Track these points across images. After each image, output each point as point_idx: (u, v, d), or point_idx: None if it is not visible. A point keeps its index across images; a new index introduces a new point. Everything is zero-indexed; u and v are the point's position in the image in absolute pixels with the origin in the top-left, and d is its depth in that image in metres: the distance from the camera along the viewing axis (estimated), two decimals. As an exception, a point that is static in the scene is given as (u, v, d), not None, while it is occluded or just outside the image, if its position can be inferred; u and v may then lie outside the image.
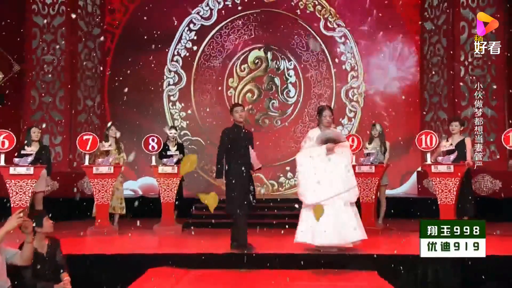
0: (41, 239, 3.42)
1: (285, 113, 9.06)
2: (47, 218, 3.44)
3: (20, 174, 5.51)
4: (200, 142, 9.02)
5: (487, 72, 7.66)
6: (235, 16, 9.13)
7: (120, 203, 6.27)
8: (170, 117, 9.16)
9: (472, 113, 7.68)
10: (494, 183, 7.49)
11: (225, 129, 4.77)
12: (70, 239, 5.49)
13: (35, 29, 8.10)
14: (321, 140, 4.53)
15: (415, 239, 5.56)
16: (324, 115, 4.65)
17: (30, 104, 7.97)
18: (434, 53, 8.45)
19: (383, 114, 8.55)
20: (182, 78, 9.20)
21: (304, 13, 9.07)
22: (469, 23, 7.79)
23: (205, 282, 3.94)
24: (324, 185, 4.45)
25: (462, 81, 7.78)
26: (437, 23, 8.40)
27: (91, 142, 5.92)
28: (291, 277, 4.05)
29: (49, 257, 3.43)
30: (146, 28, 9.02)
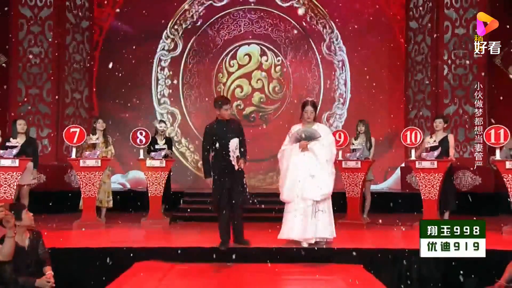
0: (21, 233, 3.25)
1: (273, 109, 8.95)
2: (26, 211, 3.27)
3: (5, 166, 5.28)
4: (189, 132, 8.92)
5: (469, 71, 7.69)
6: (224, 12, 8.99)
7: (107, 197, 6.10)
8: (158, 110, 9.00)
9: (454, 111, 7.75)
10: (475, 179, 7.53)
11: (207, 125, 4.54)
12: (56, 233, 5.33)
13: (22, 21, 7.83)
14: (295, 138, 4.37)
15: (399, 233, 5.62)
16: (305, 110, 4.45)
17: (17, 96, 7.73)
18: (418, 52, 8.43)
19: (369, 111, 8.48)
20: (171, 72, 9.03)
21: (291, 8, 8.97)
22: (453, 23, 7.79)
23: (191, 276, 3.83)
24: (295, 182, 4.33)
25: (445, 79, 7.79)
26: (422, 23, 8.38)
27: (78, 135, 5.73)
28: (278, 271, 3.97)
29: (30, 251, 3.26)
30: (135, 22, 8.86)
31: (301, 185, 4.30)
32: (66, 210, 6.63)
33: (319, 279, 3.80)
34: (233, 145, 4.30)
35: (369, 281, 3.74)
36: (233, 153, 4.30)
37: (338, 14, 8.93)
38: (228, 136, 4.33)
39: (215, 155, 4.40)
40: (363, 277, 3.85)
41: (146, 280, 3.72)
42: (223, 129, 4.39)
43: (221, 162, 4.33)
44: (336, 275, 3.91)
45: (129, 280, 3.75)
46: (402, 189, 8.29)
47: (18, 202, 3.51)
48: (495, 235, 5.22)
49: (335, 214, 4.63)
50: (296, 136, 4.35)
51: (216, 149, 4.36)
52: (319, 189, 4.29)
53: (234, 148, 4.30)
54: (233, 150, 4.30)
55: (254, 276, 3.82)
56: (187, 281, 3.69)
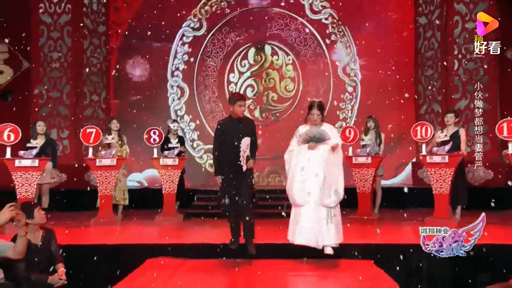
0: (34, 230, 3.20)
1: (284, 107, 8.81)
2: (38, 209, 3.22)
3: (25, 166, 5.31)
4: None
5: (479, 65, 7.40)
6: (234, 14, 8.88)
7: (123, 194, 6.07)
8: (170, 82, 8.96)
9: (465, 105, 7.47)
10: (487, 173, 7.27)
11: (219, 121, 4.20)
12: (74, 230, 5.33)
13: (42, 27, 7.91)
14: (303, 139, 3.99)
15: (410, 228, 5.42)
16: (312, 112, 4.04)
17: (38, 99, 7.78)
18: (428, 47, 8.16)
19: (379, 107, 8.26)
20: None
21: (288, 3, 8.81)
22: (463, 18, 7.51)
23: (201, 272, 3.73)
24: (302, 185, 3.89)
25: (455, 74, 7.52)
26: (431, 18, 8.11)
27: (94, 135, 5.71)
28: (288, 267, 3.86)
29: (43, 248, 3.22)
30: (150, 26, 8.82)
31: (312, 189, 3.84)
32: (86, 208, 6.61)
33: (328, 275, 3.66)
34: (244, 144, 3.98)
35: (380, 277, 3.59)
36: (243, 153, 3.97)
37: (347, 10, 8.72)
38: (240, 135, 3.98)
39: (225, 153, 4.02)
40: (373, 273, 3.70)
41: (157, 275, 3.63)
42: (235, 127, 4.02)
43: (230, 161, 3.97)
44: (345, 271, 3.78)
45: (140, 277, 3.68)
46: (413, 184, 8.04)
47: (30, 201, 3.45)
48: (508, 229, 5.00)
49: (346, 209, 4.47)
50: (305, 137, 3.98)
51: (226, 147, 4.01)
52: (333, 194, 3.88)
53: (245, 147, 3.99)
54: (244, 150, 3.98)
55: (263, 272, 3.70)
56: (197, 277, 3.60)
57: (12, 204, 2.75)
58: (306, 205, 3.83)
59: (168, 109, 8.86)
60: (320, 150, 3.93)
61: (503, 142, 5.81)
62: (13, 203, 2.77)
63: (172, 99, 8.94)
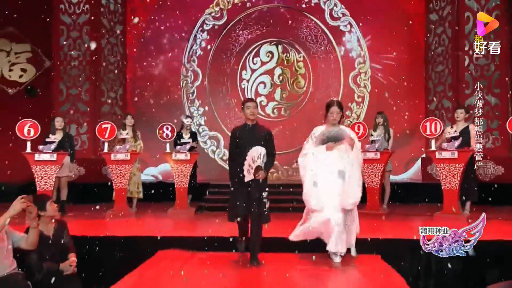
0: (46, 222, 3.18)
1: (295, 103, 8.68)
2: (51, 202, 3.20)
3: (45, 160, 5.34)
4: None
5: (491, 61, 7.14)
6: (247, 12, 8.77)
7: (137, 188, 6.06)
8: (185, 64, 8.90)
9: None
10: (497, 169, 7.04)
11: (233, 129, 3.86)
12: (90, 221, 5.35)
13: (62, 27, 7.96)
14: (321, 140, 3.63)
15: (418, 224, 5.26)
16: (331, 111, 3.67)
17: (59, 96, 7.85)
18: (439, 43, 7.93)
19: (389, 103, 8.08)
20: (198, 72, 8.91)
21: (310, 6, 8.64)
22: (474, 14, 7.23)
23: (210, 264, 3.66)
24: (325, 189, 3.56)
25: (466, 70, 7.28)
26: (442, 14, 7.87)
27: (109, 130, 5.70)
28: (296, 260, 3.77)
29: (55, 240, 3.19)
30: (166, 25, 8.80)
31: (332, 192, 3.54)
32: (103, 200, 6.63)
33: (335, 269, 3.55)
34: (253, 153, 3.51)
35: (387, 272, 3.47)
36: (251, 162, 3.51)
37: (358, 8, 8.53)
38: (250, 143, 3.57)
39: (235, 162, 3.65)
40: (381, 267, 3.58)
41: (167, 267, 3.59)
42: (246, 134, 3.68)
43: (240, 170, 3.57)
44: (353, 265, 3.66)
45: (151, 268, 3.65)
46: (422, 180, 7.85)
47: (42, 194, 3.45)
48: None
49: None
50: (322, 137, 3.62)
51: (239, 156, 3.60)
52: (353, 197, 3.63)
53: (254, 157, 3.50)
54: (253, 159, 3.50)
55: (271, 265, 3.62)
56: (205, 269, 3.53)
57: (23, 196, 2.73)
58: (325, 210, 3.53)
59: (182, 107, 8.82)
60: (340, 151, 3.62)
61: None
62: (24, 195, 2.75)
63: (185, 82, 8.87)
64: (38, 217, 3.00)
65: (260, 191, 3.58)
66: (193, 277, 3.35)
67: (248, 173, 3.53)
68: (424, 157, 7.98)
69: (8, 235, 2.90)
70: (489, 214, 5.41)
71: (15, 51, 8.27)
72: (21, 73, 8.27)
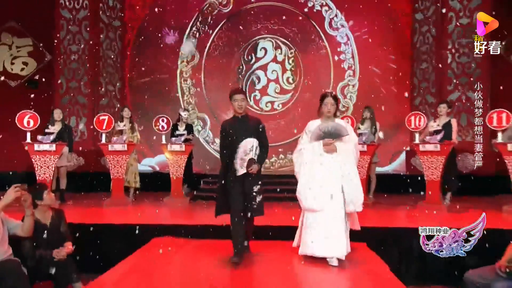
0: (44, 211, 3.09)
1: (286, 98, 8.60)
2: (48, 191, 3.10)
3: (44, 150, 5.22)
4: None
5: (472, 59, 7.11)
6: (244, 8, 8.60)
7: (135, 178, 5.97)
8: (182, 100, 8.72)
9: (457, 97, 7.20)
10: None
11: (223, 122, 3.50)
12: (88, 209, 5.26)
13: (63, 22, 7.79)
14: (317, 135, 3.22)
15: (402, 213, 5.25)
16: (325, 102, 3.29)
17: (59, 89, 7.69)
18: (423, 42, 7.88)
19: (376, 99, 8.02)
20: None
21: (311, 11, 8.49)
22: (457, 13, 7.21)
23: (204, 251, 3.60)
24: (323, 189, 3.16)
25: (449, 67, 7.24)
26: (427, 14, 7.81)
27: (107, 122, 5.59)
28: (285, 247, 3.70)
29: (52, 228, 3.10)
30: (163, 21, 8.62)
31: (331, 192, 3.15)
32: (101, 189, 6.54)
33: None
34: (246, 146, 3.22)
35: (372, 259, 3.43)
36: (243, 155, 3.21)
37: (348, 7, 8.42)
38: (242, 135, 3.25)
39: (226, 155, 3.33)
40: (366, 255, 3.54)
41: (161, 253, 3.52)
42: (236, 126, 3.32)
43: (230, 164, 3.27)
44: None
45: (146, 254, 3.58)
46: (406, 171, 7.84)
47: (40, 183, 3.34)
48: (496, 214, 4.81)
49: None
50: (318, 132, 3.22)
51: (230, 150, 3.29)
52: (359, 198, 3.21)
53: (247, 150, 3.21)
54: (245, 151, 3.21)
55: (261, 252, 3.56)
56: (199, 256, 3.47)
57: (17, 185, 2.63)
58: (325, 210, 3.13)
59: (178, 100, 8.69)
60: (338, 148, 3.21)
61: (492, 132, 5.60)
62: (19, 184, 2.65)
63: (182, 60, 8.68)
64: (34, 206, 2.91)
65: (253, 185, 3.25)
66: (188, 262, 3.29)
67: (240, 167, 3.22)
68: (408, 150, 7.96)
69: (4, 223, 2.81)
70: (468, 204, 5.47)
71: (16, 45, 8.11)
72: (22, 66, 8.14)
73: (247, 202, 3.25)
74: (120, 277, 2.98)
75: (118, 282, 2.88)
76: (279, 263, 3.31)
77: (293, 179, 3.49)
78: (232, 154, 3.24)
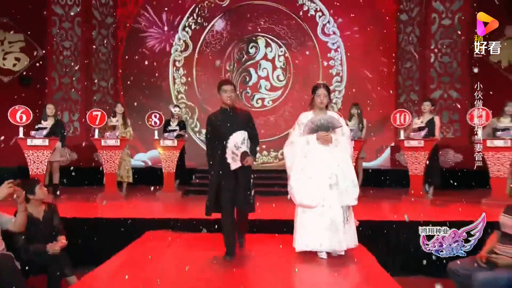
0: (37, 205, 3.01)
1: (276, 95, 8.57)
2: (40, 186, 3.02)
3: (37, 145, 5.09)
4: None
5: (453, 59, 7.20)
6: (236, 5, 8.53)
7: (127, 173, 5.87)
8: (174, 96, 8.64)
9: (440, 95, 7.28)
10: (457, 156, 7.14)
11: (209, 116, 3.21)
12: (82, 204, 5.16)
13: (55, 18, 7.61)
14: (310, 128, 3.03)
15: (387, 206, 5.29)
16: (318, 93, 3.09)
17: (52, 84, 7.52)
18: (408, 42, 7.93)
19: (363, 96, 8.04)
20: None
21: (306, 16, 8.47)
22: (440, 15, 7.28)
23: (196, 245, 3.56)
24: (318, 183, 2.98)
25: (431, 66, 7.31)
26: (411, 15, 7.85)
27: (100, 117, 5.47)
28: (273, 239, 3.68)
29: (45, 222, 3.03)
30: (154, 18, 8.47)
31: (325, 187, 2.97)
32: (94, 184, 6.43)
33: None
34: (236, 139, 3.00)
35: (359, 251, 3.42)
36: (234, 149, 2.99)
37: (337, 9, 8.41)
38: (230, 128, 3.02)
39: (215, 150, 3.08)
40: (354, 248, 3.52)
41: (154, 247, 3.47)
42: (225, 119, 3.08)
43: (220, 159, 3.03)
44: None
45: (139, 247, 3.52)
46: (391, 166, 7.91)
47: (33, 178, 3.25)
48: (475, 207, 4.87)
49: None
50: (311, 126, 3.02)
51: (217, 143, 3.06)
52: (354, 191, 3.03)
53: (238, 143, 2.99)
54: (235, 145, 2.99)
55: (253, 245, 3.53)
56: (192, 249, 3.43)
57: (10, 181, 2.55)
58: (320, 204, 2.97)
59: (170, 97, 8.57)
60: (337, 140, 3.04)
61: (472, 129, 5.67)
62: (12, 180, 2.57)
63: (176, 49, 8.57)
64: (27, 200, 2.82)
65: (247, 178, 3.06)
66: (180, 255, 3.25)
67: (233, 161, 2.99)
68: (393, 145, 8.02)
69: None
70: (450, 197, 5.53)
71: (9, 40, 7.89)
72: (14, 61, 7.92)
73: (241, 197, 3.03)
74: (114, 270, 2.92)
75: (112, 275, 2.82)
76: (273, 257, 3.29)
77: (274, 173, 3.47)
78: (223, 148, 3.01)
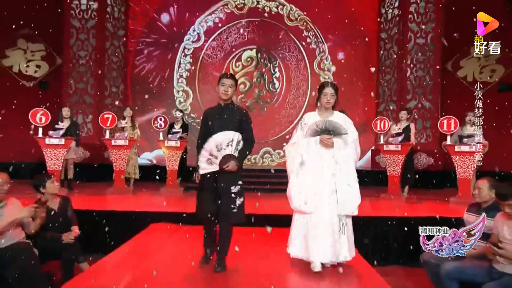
0: (51, 198, 2.97)
1: (271, 102, 8.56)
2: (52, 181, 2.96)
3: (54, 144, 5.03)
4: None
5: (427, 73, 7.27)
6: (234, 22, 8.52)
7: (135, 170, 5.81)
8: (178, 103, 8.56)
9: (414, 105, 7.32)
10: (428, 159, 7.19)
11: (205, 110, 2.64)
12: (92, 197, 5.09)
13: (72, 30, 7.52)
14: (313, 131, 2.57)
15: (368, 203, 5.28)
16: (324, 92, 2.60)
17: (68, 89, 7.44)
18: (387, 57, 7.96)
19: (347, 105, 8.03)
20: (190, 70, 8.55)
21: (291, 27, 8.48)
22: (415, 34, 7.33)
23: (194, 236, 3.50)
24: (316, 189, 2.52)
25: (407, 79, 7.34)
26: (390, 34, 7.89)
27: (111, 120, 5.41)
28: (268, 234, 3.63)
29: (59, 213, 2.98)
30: (162, 30, 8.43)
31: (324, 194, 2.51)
32: (104, 180, 6.37)
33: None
34: (220, 139, 2.39)
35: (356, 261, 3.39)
36: (215, 150, 2.39)
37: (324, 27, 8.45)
38: (221, 126, 2.43)
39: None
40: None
41: (158, 238, 3.43)
42: (217, 115, 2.50)
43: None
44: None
45: (144, 238, 3.48)
46: (371, 168, 7.92)
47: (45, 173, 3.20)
48: (444, 205, 4.90)
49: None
50: (315, 128, 2.56)
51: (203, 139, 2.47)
52: (354, 200, 2.57)
53: (221, 144, 2.39)
54: (217, 146, 2.39)
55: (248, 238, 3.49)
56: (192, 240, 3.39)
57: (38, 206, 2.56)
58: (317, 212, 2.49)
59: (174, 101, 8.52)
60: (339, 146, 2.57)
61: (442, 135, 5.71)
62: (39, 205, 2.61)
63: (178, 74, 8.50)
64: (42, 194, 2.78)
65: (229, 184, 2.40)
66: (182, 246, 3.21)
67: (207, 164, 2.39)
68: (373, 149, 8.05)
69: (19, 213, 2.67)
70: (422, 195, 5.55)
71: (31, 49, 7.87)
72: (36, 68, 7.90)
73: (223, 206, 2.40)
74: (122, 259, 2.88)
75: (120, 263, 2.78)
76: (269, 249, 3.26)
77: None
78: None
